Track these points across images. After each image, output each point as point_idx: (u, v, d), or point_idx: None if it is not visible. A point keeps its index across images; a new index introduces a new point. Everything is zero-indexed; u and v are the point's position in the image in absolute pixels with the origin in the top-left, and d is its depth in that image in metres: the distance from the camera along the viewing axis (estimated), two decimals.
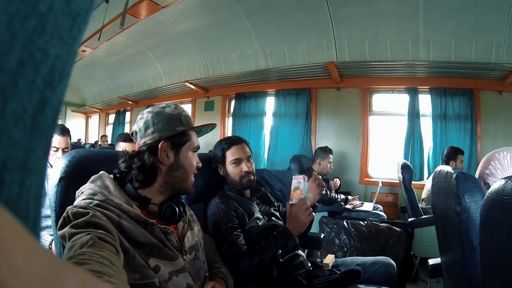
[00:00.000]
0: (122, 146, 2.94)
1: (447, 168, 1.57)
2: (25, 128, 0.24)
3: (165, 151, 1.21)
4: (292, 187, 1.85)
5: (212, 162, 1.97)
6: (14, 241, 0.17)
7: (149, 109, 1.27)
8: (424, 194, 4.12)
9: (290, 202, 1.80)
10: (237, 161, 1.90)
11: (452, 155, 4.06)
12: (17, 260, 0.16)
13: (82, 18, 0.27)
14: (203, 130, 1.41)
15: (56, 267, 0.19)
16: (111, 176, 1.17)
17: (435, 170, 1.81)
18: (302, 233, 1.85)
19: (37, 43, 0.23)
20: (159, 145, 1.19)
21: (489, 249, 1.06)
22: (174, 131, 1.22)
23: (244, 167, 1.90)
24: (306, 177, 1.88)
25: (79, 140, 10.11)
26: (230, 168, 1.91)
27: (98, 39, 5.38)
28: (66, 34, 0.26)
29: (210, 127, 1.43)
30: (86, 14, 0.28)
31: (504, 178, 0.93)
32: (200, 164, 1.33)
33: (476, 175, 3.14)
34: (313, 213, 1.77)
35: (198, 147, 1.33)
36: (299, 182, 1.85)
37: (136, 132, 1.24)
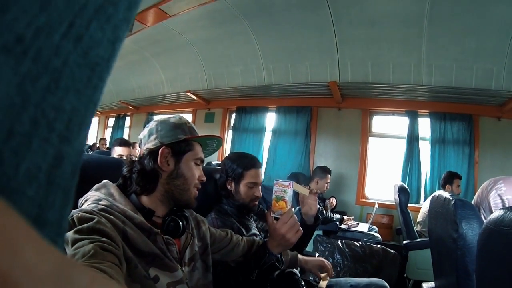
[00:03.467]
0: (117, 151, 2.93)
1: (445, 194, 1.57)
2: (40, 185, 0.23)
3: (166, 157, 1.19)
4: (274, 196, 1.59)
5: (221, 173, 1.93)
6: (25, 241, 0.17)
7: (156, 118, 1.29)
8: (420, 217, 4.12)
9: (272, 215, 1.56)
10: (253, 185, 1.86)
11: (448, 179, 4.07)
12: (29, 258, 0.16)
13: (103, 66, 0.26)
14: (209, 145, 1.38)
15: (67, 266, 0.19)
16: (115, 184, 1.17)
17: (433, 195, 1.82)
18: (298, 251, 1.84)
19: (51, 100, 0.23)
20: (160, 151, 1.18)
21: (485, 277, 1.07)
22: (176, 139, 1.22)
23: (257, 192, 1.86)
24: (292, 184, 1.60)
25: None
26: (243, 189, 1.85)
27: None
28: (83, 86, 0.25)
29: (216, 143, 1.39)
30: (108, 61, 0.27)
31: (503, 208, 0.94)
32: (204, 178, 1.30)
33: (473, 202, 3.15)
34: (301, 229, 1.54)
35: (201, 160, 1.30)
36: (283, 190, 1.57)
37: (141, 140, 1.25)
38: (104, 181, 1.16)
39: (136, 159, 1.22)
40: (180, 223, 1.20)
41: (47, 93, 0.22)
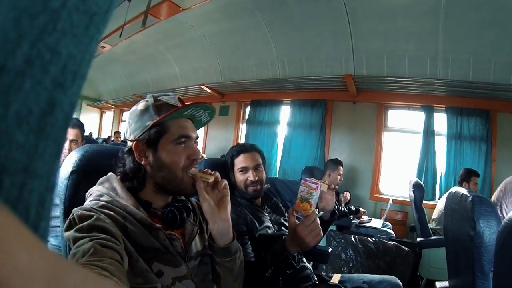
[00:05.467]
0: None
1: (462, 191, 1.54)
2: (30, 130, 0.23)
3: (143, 151, 1.12)
4: (299, 195, 1.52)
5: (225, 167, 1.96)
6: (18, 242, 0.17)
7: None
8: (435, 215, 4.07)
9: (295, 214, 1.51)
10: (244, 170, 1.89)
11: (466, 176, 4.01)
12: (22, 260, 0.16)
13: (101, 17, 0.26)
14: (196, 116, 1.21)
15: (59, 266, 0.19)
16: (119, 178, 1.14)
17: (450, 191, 1.79)
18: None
19: (47, 41, 0.22)
20: (133, 147, 1.12)
21: (503, 277, 1.04)
22: (145, 128, 1.11)
23: (250, 176, 1.87)
24: (319, 186, 1.52)
25: (90, 133, 10.25)
26: (238, 176, 1.90)
27: (119, 37, 5.45)
28: (81, 33, 0.25)
29: (203, 110, 1.20)
30: (106, 13, 0.27)
31: None
32: (196, 156, 1.16)
33: (494, 197, 3.10)
34: (321, 234, 1.50)
35: (184, 137, 1.14)
36: (309, 192, 1.50)
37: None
38: (109, 174, 1.14)
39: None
40: (178, 214, 1.15)
41: (44, 32, 0.22)
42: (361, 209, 4.38)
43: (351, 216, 4.17)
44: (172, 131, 1.12)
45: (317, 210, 1.57)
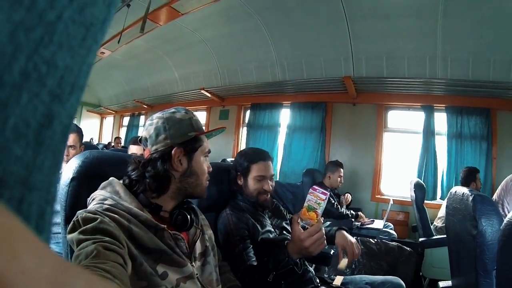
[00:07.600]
0: (133, 149, 2.98)
1: (464, 190, 1.54)
2: (28, 144, 0.22)
3: (178, 157, 1.18)
4: (306, 204, 1.50)
5: (231, 169, 1.94)
6: (23, 244, 0.17)
7: (159, 114, 1.24)
8: (441, 213, 4.04)
9: (299, 222, 1.48)
10: (262, 178, 1.85)
11: (470, 177, 3.95)
12: (27, 262, 0.16)
13: (98, 28, 0.26)
14: (212, 134, 1.38)
15: (64, 270, 0.19)
16: (121, 182, 1.16)
17: (451, 190, 1.78)
18: None
19: (43, 54, 0.22)
20: (173, 152, 1.16)
21: (506, 274, 1.04)
22: (187, 137, 1.20)
23: (266, 185, 1.84)
24: (327, 194, 1.51)
25: (91, 139, 10.28)
26: (251, 182, 1.85)
27: (118, 42, 5.46)
28: (78, 44, 0.25)
29: (220, 130, 1.40)
30: (103, 24, 0.26)
31: None
32: (211, 169, 1.31)
33: (495, 196, 3.10)
34: (325, 243, 1.48)
35: (209, 151, 1.30)
36: (317, 202, 1.49)
37: (146, 139, 1.21)
38: (110, 178, 1.15)
39: (145, 161, 1.19)
40: (188, 216, 1.21)
41: (40, 45, 0.22)
42: (360, 213, 4.37)
43: (352, 219, 4.16)
44: (204, 145, 1.27)
45: (322, 218, 1.56)
